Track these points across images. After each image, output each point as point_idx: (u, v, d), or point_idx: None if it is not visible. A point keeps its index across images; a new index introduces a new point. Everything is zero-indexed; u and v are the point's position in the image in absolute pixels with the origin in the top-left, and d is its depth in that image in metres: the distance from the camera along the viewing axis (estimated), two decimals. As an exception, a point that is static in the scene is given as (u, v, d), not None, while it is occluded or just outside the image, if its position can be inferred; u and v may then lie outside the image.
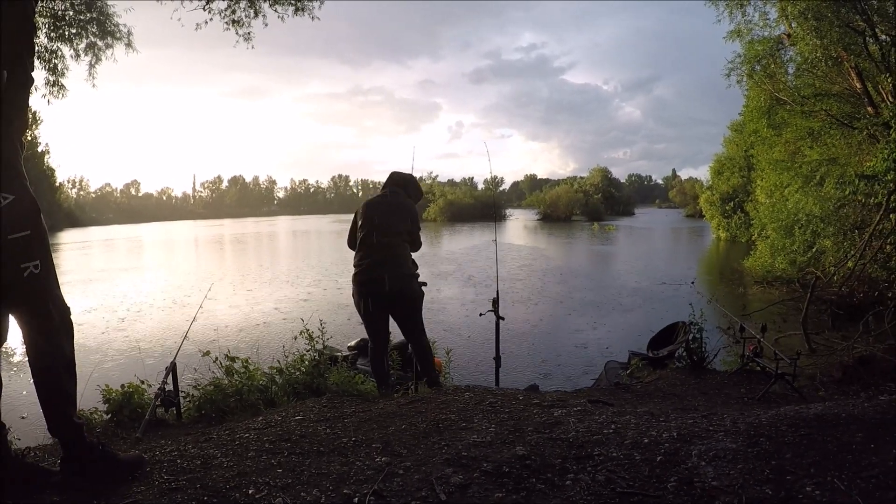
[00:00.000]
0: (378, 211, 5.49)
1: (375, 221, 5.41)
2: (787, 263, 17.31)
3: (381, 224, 5.41)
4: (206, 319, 14.39)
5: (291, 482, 2.67)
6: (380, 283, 5.29)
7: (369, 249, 5.36)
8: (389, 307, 5.44)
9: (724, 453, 2.69)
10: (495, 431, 3.27)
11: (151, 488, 2.65)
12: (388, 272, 5.31)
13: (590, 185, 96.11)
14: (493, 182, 73.25)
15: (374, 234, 5.37)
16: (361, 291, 5.36)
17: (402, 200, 5.67)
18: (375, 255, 5.34)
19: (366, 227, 5.41)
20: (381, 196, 5.67)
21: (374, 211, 5.49)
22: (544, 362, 11.22)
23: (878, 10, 13.11)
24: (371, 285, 5.31)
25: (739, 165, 37.43)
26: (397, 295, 5.37)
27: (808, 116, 16.54)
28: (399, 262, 5.40)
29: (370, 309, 5.36)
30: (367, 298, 5.33)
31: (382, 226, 5.41)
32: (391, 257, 5.37)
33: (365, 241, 5.39)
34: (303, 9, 11.30)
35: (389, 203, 5.57)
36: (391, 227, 5.44)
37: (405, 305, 5.47)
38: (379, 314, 5.45)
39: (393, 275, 5.32)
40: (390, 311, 5.49)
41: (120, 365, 11.30)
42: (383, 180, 5.82)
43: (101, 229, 78.23)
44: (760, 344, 6.10)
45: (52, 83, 11.79)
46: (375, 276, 5.30)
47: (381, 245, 5.36)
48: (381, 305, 5.37)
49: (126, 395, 4.86)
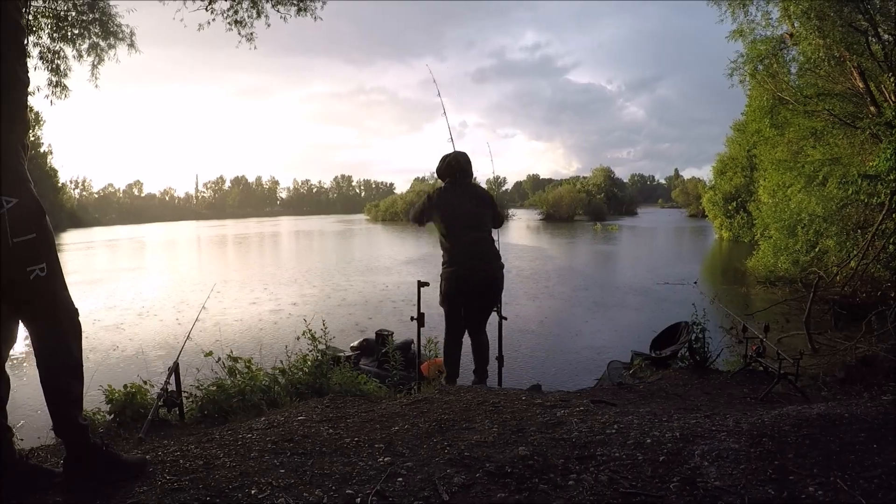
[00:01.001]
0: (460, 204, 5.51)
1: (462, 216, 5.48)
2: (789, 263, 17.28)
3: (469, 218, 5.48)
4: (208, 319, 14.40)
5: (294, 482, 2.68)
6: (475, 280, 5.41)
7: (464, 246, 5.41)
8: (478, 299, 5.54)
9: (727, 453, 2.69)
10: (498, 431, 3.27)
11: (154, 488, 2.65)
12: (486, 265, 5.46)
13: (592, 185, 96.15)
14: (495, 182, 73.19)
15: (466, 231, 5.44)
16: (459, 286, 5.41)
17: (476, 188, 5.77)
18: (471, 249, 5.41)
19: (452, 222, 5.46)
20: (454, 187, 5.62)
21: (456, 205, 5.51)
22: (547, 362, 11.22)
23: (881, 10, 13.08)
24: (471, 280, 5.40)
25: (742, 165, 37.38)
26: (492, 285, 5.53)
27: (811, 116, 16.51)
28: (493, 255, 5.56)
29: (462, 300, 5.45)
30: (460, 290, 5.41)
31: (472, 220, 5.48)
32: (486, 251, 5.50)
33: (457, 236, 5.43)
34: (305, 9, 11.30)
35: (464, 194, 5.59)
36: (480, 220, 5.53)
37: (491, 298, 5.61)
38: (468, 307, 5.53)
39: (490, 267, 5.50)
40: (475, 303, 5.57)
41: (123, 365, 11.31)
42: (386, 180, 5.92)
43: (104, 230, 78.34)
44: (763, 344, 6.09)
45: (54, 84, 11.81)
46: (475, 270, 5.40)
47: (473, 241, 5.44)
48: (473, 297, 5.48)
49: (129, 396, 4.87)
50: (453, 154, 5.72)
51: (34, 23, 11.22)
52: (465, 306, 5.50)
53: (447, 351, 5.65)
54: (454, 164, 5.65)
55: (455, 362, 5.66)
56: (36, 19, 11.23)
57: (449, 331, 5.61)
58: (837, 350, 8.61)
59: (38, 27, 11.27)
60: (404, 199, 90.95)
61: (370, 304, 18.08)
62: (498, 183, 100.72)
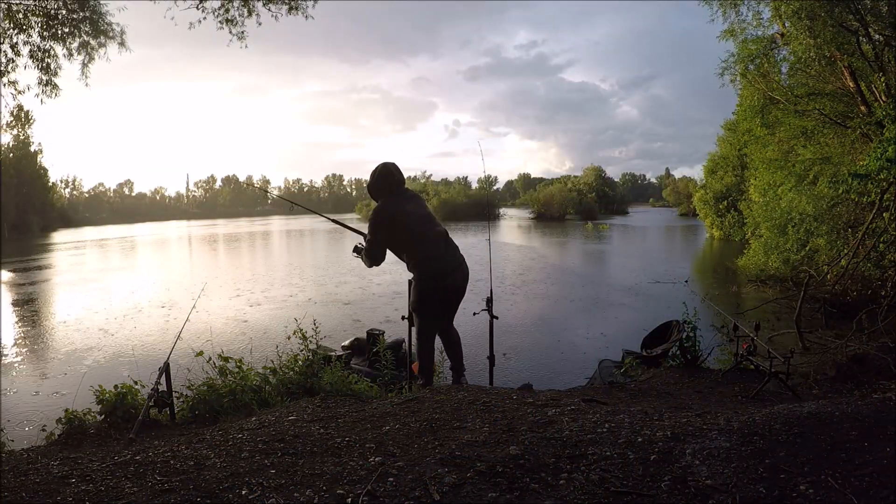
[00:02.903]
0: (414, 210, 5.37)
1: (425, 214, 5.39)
2: (780, 262, 17.37)
3: (425, 217, 5.37)
4: (199, 319, 14.34)
5: (285, 482, 2.67)
6: (459, 271, 5.32)
7: (436, 242, 5.27)
8: (456, 295, 5.41)
9: (718, 452, 2.69)
10: (489, 431, 3.27)
11: (145, 489, 2.64)
12: (461, 257, 5.37)
13: (584, 184, 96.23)
14: (487, 181, 73.13)
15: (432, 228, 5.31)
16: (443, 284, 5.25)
17: (414, 192, 5.63)
18: (444, 243, 5.29)
19: (417, 226, 5.28)
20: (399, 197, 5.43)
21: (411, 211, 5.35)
22: (538, 361, 11.24)
23: (872, 10, 13.13)
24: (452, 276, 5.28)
25: (733, 164, 37.56)
26: (467, 277, 5.43)
27: (802, 115, 16.58)
28: (457, 248, 5.44)
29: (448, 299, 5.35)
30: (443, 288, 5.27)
31: (427, 218, 5.38)
32: (454, 244, 5.39)
33: (426, 236, 5.26)
34: (296, 8, 11.25)
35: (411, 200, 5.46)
36: (433, 218, 5.45)
37: (464, 291, 5.49)
38: (455, 302, 5.44)
39: (463, 259, 5.41)
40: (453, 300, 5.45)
41: (113, 365, 11.27)
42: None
43: (95, 229, 77.90)
44: (754, 342, 6.10)
45: (44, 83, 11.70)
46: (455, 266, 5.30)
47: (441, 234, 5.31)
48: (450, 294, 5.35)
49: (119, 396, 4.83)
50: (384, 166, 5.51)
51: (24, 21, 11.14)
52: (450, 302, 5.39)
53: (427, 355, 5.45)
54: (394, 176, 5.47)
55: (432, 366, 5.56)
56: (26, 18, 11.15)
57: (428, 335, 5.41)
58: (828, 348, 8.66)
59: (28, 25, 11.19)
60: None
61: (361, 304, 18.08)
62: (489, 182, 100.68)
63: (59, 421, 4.56)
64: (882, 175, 11.18)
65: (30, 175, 68.50)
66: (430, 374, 5.47)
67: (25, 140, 69.82)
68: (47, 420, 4.82)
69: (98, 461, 3.19)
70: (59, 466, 3.19)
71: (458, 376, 5.60)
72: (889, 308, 9.31)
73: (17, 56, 11.15)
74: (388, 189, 5.43)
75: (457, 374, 5.63)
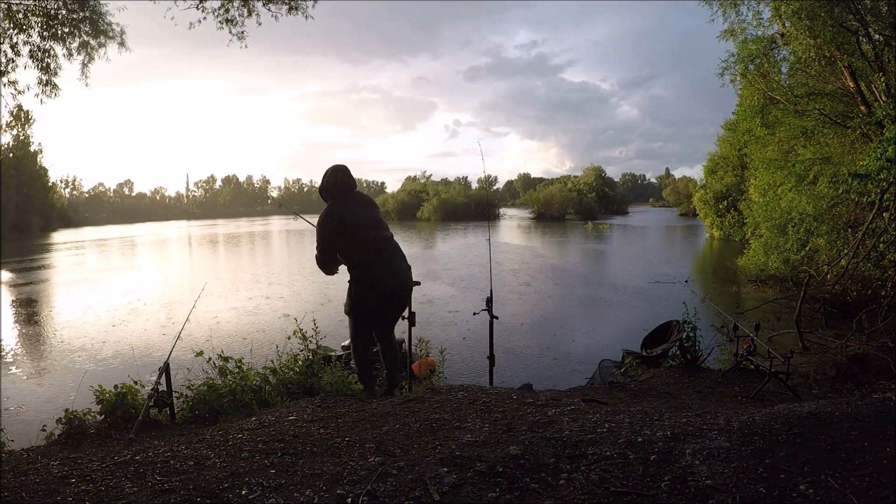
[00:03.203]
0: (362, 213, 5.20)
1: (369, 220, 5.18)
2: (780, 262, 17.37)
3: (375, 221, 5.22)
4: (199, 319, 14.35)
5: (285, 482, 2.67)
6: (395, 279, 5.15)
7: (379, 245, 5.14)
8: (393, 302, 5.25)
9: (718, 452, 2.69)
10: (489, 431, 3.27)
11: (145, 489, 2.64)
12: (404, 264, 5.23)
13: (583, 184, 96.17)
14: (486, 181, 73.11)
15: (377, 233, 5.16)
16: (379, 290, 5.08)
17: (365, 195, 5.45)
18: (387, 249, 5.17)
19: (358, 231, 5.10)
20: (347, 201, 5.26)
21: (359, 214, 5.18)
22: (538, 361, 11.24)
23: (872, 10, 13.13)
24: (385, 283, 5.09)
25: (733, 164, 37.54)
26: (409, 284, 5.28)
27: (802, 115, 16.58)
28: (403, 256, 5.30)
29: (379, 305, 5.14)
30: (378, 294, 5.09)
31: (378, 223, 5.23)
32: (399, 251, 5.27)
33: (367, 241, 5.10)
34: (296, 8, 11.25)
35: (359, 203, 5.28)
36: (381, 223, 5.27)
37: (405, 300, 5.35)
38: (394, 310, 5.30)
39: (407, 266, 5.27)
40: (400, 307, 5.35)
41: (113, 365, 11.27)
42: (378, 180, 5.68)
43: (95, 229, 77.81)
44: (754, 342, 6.11)
45: (44, 83, 11.70)
46: (392, 270, 5.14)
47: (384, 239, 5.18)
48: (386, 301, 5.19)
49: (119, 396, 4.84)
50: (333, 169, 5.36)
51: (24, 21, 11.14)
52: (384, 309, 5.20)
53: (365, 362, 5.24)
54: (342, 179, 5.32)
55: (372, 373, 5.35)
56: (26, 18, 11.15)
57: (361, 341, 5.23)
58: (828, 348, 8.65)
59: (28, 25, 11.20)
60: (395, 198, 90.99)
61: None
62: (489, 182, 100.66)
63: (59, 421, 4.57)
64: (882, 175, 11.17)
65: (30, 175, 68.48)
66: (367, 381, 5.28)
67: (25, 140, 69.81)
68: (47, 420, 4.81)
69: (98, 461, 3.19)
70: (59, 466, 3.19)
71: (392, 387, 5.38)
72: (889, 308, 9.31)
73: (17, 56, 11.15)
74: (337, 193, 5.27)
75: (390, 384, 5.40)
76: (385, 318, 5.29)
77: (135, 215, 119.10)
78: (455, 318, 15.10)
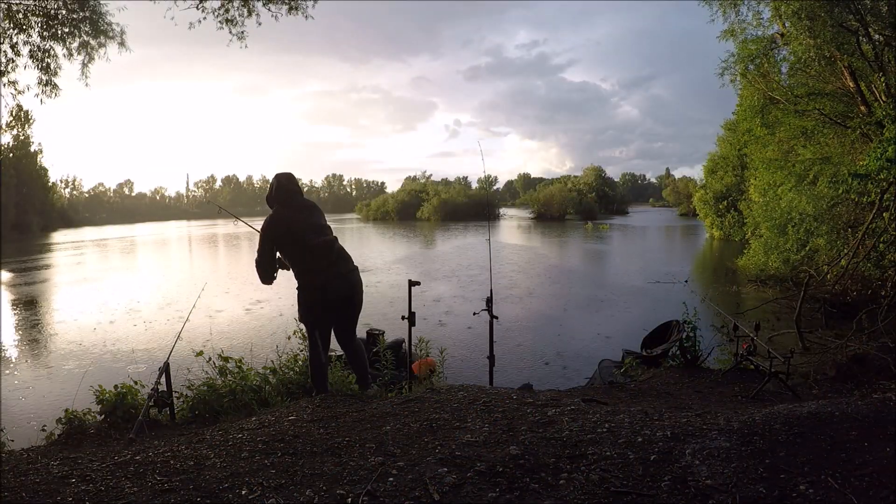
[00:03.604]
0: (304, 218, 5.18)
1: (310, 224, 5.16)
2: (780, 262, 17.38)
3: (317, 225, 5.18)
4: (199, 319, 14.36)
5: (285, 482, 2.67)
6: (342, 282, 5.10)
7: (319, 251, 5.09)
8: (344, 305, 5.19)
9: (718, 452, 2.69)
10: (489, 431, 3.27)
11: (145, 489, 2.64)
12: (349, 268, 5.17)
13: (583, 184, 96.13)
14: (486, 181, 73.06)
15: (315, 238, 5.11)
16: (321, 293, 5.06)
17: (309, 202, 5.41)
18: (328, 255, 5.11)
19: (300, 235, 5.09)
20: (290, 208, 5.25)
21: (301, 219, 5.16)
22: (538, 361, 11.23)
23: (872, 10, 13.13)
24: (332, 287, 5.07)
25: (733, 164, 37.53)
26: (356, 286, 5.22)
27: (802, 115, 16.58)
28: (349, 259, 5.25)
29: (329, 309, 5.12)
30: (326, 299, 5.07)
31: (320, 227, 5.19)
32: (343, 255, 5.20)
33: (311, 247, 5.08)
34: (296, 8, 11.25)
35: (303, 210, 5.26)
36: (324, 228, 5.23)
37: (356, 302, 5.29)
38: (341, 312, 5.21)
39: (352, 267, 5.21)
40: (351, 309, 5.27)
41: (113, 365, 11.27)
42: (378, 180, 5.66)
43: (95, 230, 77.82)
44: (754, 342, 6.11)
45: (44, 83, 11.70)
46: (337, 274, 5.09)
47: (327, 244, 5.14)
48: (337, 305, 5.14)
49: (119, 396, 4.84)
50: (277, 176, 5.40)
51: (24, 21, 11.14)
52: (334, 312, 5.16)
53: (314, 365, 5.14)
54: (286, 186, 5.32)
55: (325, 376, 5.26)
56: (26, 18, 11.16)
57: (314, 344, 5.13)
58: (828, 348, 8.65)
59: (28, 25, 11.20)
60: (395, 198, 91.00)
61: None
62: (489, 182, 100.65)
63: (59, 421, 4.57)
64: (882, 175, 11.18)
65: (30, 175, 68.45)
66: (319, 382, 5.18)
67: (25, 140, 69.81)
68: (47, 420, 4.82)
69: (98, 461, 3.19)
70: (59, 466, 3.19)
71: (362, 389, 5.33)
72: (889, 308, 9.31)
73: (17, 56, 11.15)
74: (281, 199, 5.28)
75: (361, 386, 5.37)
76: (340, 322, 5.25)
77: (135, 215, 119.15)
78: (454, 318, 15.09)
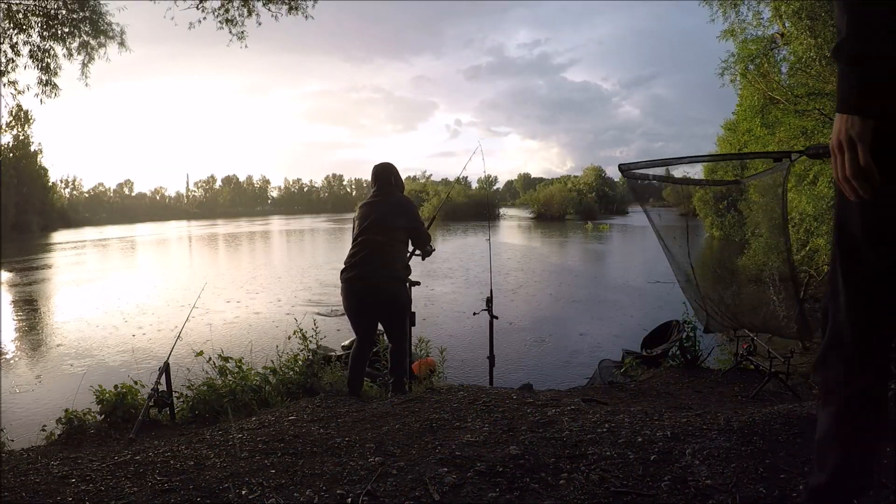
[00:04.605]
0: (372, 209, 5.20)
1: (369, 220, 5.15)
2: (780, 262, 17.37)
3: (375, 221, 5.14)
4: (199, 319, 14.36)
5: (285, 482, 2.67)
6: (364, 279, 5.04)
7: (358, 246, 5.10)
8: (373, 306, 5.14)
9: (718, 452, 2.69)
10: (489, 431, 3.27)
11: (145, 489, 2.64)
12: (373, 270, 5.05)
13: (584, 184, 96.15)
14: (487, 181, 73.10)
15: (367, 232, 5.10)
16: (345, 288, 5.10)
17: (397, 197, 5.37)
18: (362, 251, 5.07)
19: (359, 225, 5.17)
20: (373, 196, 5.31)
21: (369, 209, 5.21)
22: (538, 361, 11.24)
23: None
24: (355, 282, 5.04)
25: (732, 164, 37.53)
26: (381, 294, 5.10)
27: (802, 115, 16.57)
28: (385, 262, 5.11)
29: (353, 306, 5.12)
30: (350, 296, 5.08)
31: (376, 223, 5.14)
32: (378, 255, 5.09)
33: (355, 238, 5.15)
34: (296, 8, 11.26)
35: (382, 202, 5.26)
36: (385, 223, 5.16)
37: (387, 306, 5.19)
38: (361, 313, 5.18)
39: (377, 273, 5.07)
40: (375, 312, 5.21)
41: (113, 365, 11.28)
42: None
43: (95, 230, 77.76)
44: (754, 342, 6.12)
45: (44, 82, 11.71)
46: (361, 273, 5.04)
47: (369, 242, 5.10)
48: (364, 303, 5.10)
49: (119, 396, 4.84)
50: (375, 166, 5.45)
51: (24, 21, 11.15)
52: (352, 308, 5.15)
53: (350, 365, 5.19)
54: (374, 176, 5.40)
55: (354, 378, 5.18)
56: (26, 18, 11.16)
57: (356, 337, 5.23)
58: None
59: (28, 25, 11.20)
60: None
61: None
62: (489, 182, 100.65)
63: (59, 421, 4.57)
64: (882, 175, 11.18)
65: (30, 175, 68.38)
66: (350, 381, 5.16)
67: (25, 140, 69.72)
68: (47, 420, 4.81)
69: (98, 461, 3.19)
70: (59, 466, 3.19)
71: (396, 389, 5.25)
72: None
73: (17, 56, 11.15)
74: (373, 185, 5.42)
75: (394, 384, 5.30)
76: (364, 319, 5.23)
77: (135, 215, 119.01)
78: (455, 318, 15.10)
